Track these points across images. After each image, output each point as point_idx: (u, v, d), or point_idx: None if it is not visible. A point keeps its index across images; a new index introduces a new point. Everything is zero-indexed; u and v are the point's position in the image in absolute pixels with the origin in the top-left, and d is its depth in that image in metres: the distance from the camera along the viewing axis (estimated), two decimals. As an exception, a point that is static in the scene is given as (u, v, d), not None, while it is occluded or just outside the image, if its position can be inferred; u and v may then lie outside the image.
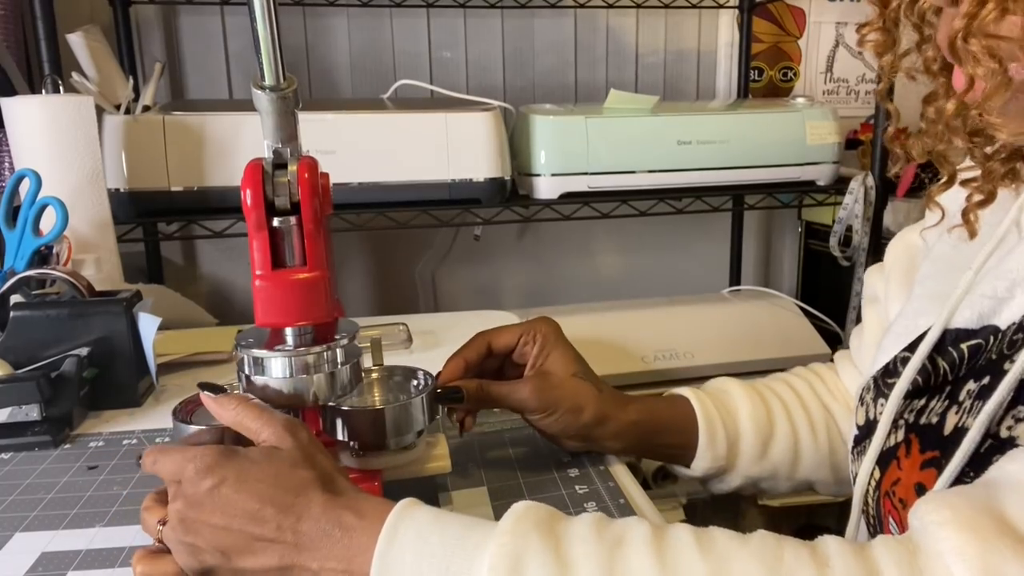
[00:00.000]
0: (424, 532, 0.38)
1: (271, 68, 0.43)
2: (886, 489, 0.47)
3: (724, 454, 0.61)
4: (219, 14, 1.31)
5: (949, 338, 0.47)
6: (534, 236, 1.53)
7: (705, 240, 1.62)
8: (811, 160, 1.24)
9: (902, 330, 0.52)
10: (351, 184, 1.05)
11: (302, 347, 0.47)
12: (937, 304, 0.49)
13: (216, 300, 1.39)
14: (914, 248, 0.60)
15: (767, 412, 0.63)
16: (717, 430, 0.61)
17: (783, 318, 1.38)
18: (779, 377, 0.69)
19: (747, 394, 0.64)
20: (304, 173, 0.44)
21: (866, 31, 0.50)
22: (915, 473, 0.45)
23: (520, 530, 0.37)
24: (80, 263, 0.86)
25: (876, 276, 0.64)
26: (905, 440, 0.47)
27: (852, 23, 1.62)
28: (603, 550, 0.36)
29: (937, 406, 0.46)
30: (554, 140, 1.15)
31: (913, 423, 0.47)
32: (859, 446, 0.52)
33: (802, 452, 0.63)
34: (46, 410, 0.65)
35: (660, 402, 0.63)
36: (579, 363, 0.60)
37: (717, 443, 0.61)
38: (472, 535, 0.37)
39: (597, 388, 0.59)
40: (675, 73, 1.54)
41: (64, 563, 0.47)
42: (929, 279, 0.53)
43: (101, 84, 1.01)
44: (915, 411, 0.47)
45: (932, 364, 0.47)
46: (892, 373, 0.50)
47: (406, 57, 1.40)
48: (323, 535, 0.38)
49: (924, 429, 0.46)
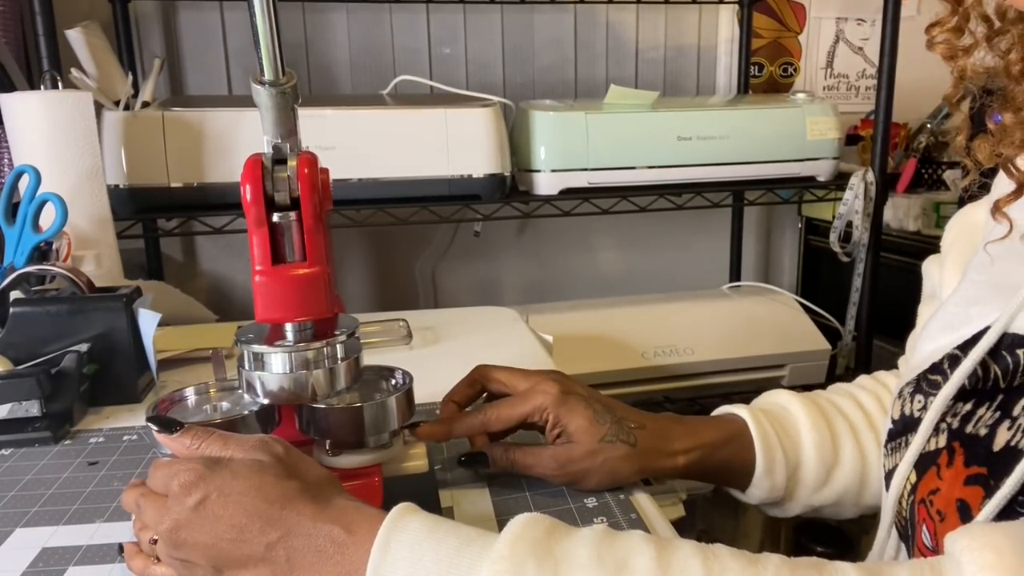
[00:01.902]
0: (417, 549, 0.36)
1: (271, 63, 0.43)
2: (922, 496, 0.44)
3: (783, 484, 0.57)
4: (218, 10, 1.31)
5: (1005, 341, 0.43)
6: (534, 232, 1.53)
7: (705, 236, 1.62)
8: (811, 156, 1.24)
9: (952, 319, 0.47)
10: (351, 180, 1.05)
11: (302, 343, 0.47)
12: (995, 296, 0.45)
13: (216, 296, 1.39)
14: (976, 227, 0.54)
15: (832, 437, 0.58)
16: (776, 457, 0.56)
17: (783, 314, 1.38)
18: (844, 390, 0.63)
19: (810, 415, 0.58)
20: (304, 168, 0.44)
21: (936, 32, 0.47)
22: (957, 487, 0.42)
23: (517, 554, 0.35)
24: (80, 259, 0.86)
25: (933, 266, 0.59)
26: (948, 447, 0.44)
27: (852, 18, 1.62)
28: None
29: (986, 416, 0.42)
30: (554, 136, 1.15)
31: (957, 430, 0.43)
32: (894, 442, 0.49)
33: (870, 478, 0.58)
34: (46, 406, 0.65)
35: (711, 432, 0.57)
36: (604, 421, 0.53)
37: (776, 472, 0.56)
38: (467, 554, 0.36)
39: (630, 444, 0.53)
40: (675, 69, 1.54)
41: (65, 559, 0.47)
42: (988, 266, 0.48)
43: (100, 80, 1.01)
44: (959, 416, 0.44)
45: (983, 367, 0.43)
46: (938, 370, 0.46)
47: (406, 53, 1.40)
48: (315, 552, 0.37)
49: (970, 440, 0.42)
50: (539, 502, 0.53)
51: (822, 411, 0.60)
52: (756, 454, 0.56)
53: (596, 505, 0.52)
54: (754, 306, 1.40)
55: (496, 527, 0.49)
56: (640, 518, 0.51)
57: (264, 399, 0.47)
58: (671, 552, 0.36)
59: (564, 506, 0.52)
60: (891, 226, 1.39)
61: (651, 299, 1.41)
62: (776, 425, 0.58)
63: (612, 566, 0.35)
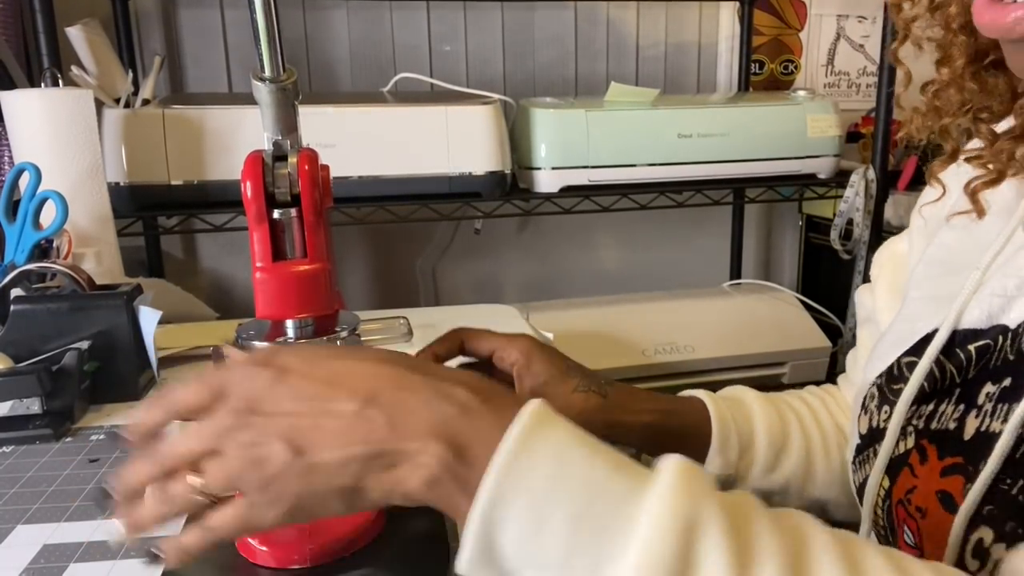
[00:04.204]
0: (564, 454, 0.30)
1: (271, 60, 0.43)
2: (899, 498, 0.45)
3: (735, 461, 0.59)
4: (218, 7, 1.31)
5: (957, 339, 0.45)
6: (534, 230, 1.53)
7: (705, 233, 1.62)
8: (812, 153, 1.24)
9: (899, 334, 0.50)
10: (351, 178, 1.05)
11: (303, 339, 0.47)
12: (936, 307, 0.47)
13: (217, 294, 1.39)
14: (899, 257, 0.59)
15: (781, 423, 0.61)
16: (730, 435, 0.59)
17: (783, 312, 1.38)
18: (793, 393, 0.67)
19: (762, 404, 0.62)
20: (304, 165, 0.44)
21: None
22: (935, 481, 0.43)
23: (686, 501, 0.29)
24: (80, 257, 0.86)
25: (866, 295, 0.63)
26: (917, 447, 0.45)
27: (853, 16, 1.61)
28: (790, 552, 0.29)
29: (950, 411, 0.43)
30: (554, 133, 1.15)
31: (924, 429, 0.45)
32: (861, 455, 0.50)
33: (815, 469, 0.61)
34: (47, 403, 0.65)
35: (674, 403, 0.61)
36: (575, 374, 0.56)
37: (729, 448, 0.59)
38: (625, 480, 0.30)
39: (602, 395, 0.56)
40: (676, 66, 1.54)
41: (66, 555, 0.47)
42: (925, 282, 0.51)
43: (100, 78, 1.01)
44: (924, 417, 0.45)
45: (939, 367, 0.45)
46: (897, 379, 0.48)
47: (406, 50, 1.40)
48: (427, 408, 0.31)
49: (940, 435, 0.43)
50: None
51: (772, 402, 0.63)
52: (712, 428, 0.59)
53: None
54: (755, 304, 1.40)
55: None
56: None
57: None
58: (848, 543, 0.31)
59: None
60: (892, 224, 1.39)
61: (652, 297, 1.41)
62: (732, 407, 0.61)
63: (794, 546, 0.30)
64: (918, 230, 0.57)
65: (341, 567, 0.44)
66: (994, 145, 0.47)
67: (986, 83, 0.47)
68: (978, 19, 0.41)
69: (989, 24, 0.41)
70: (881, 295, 0.59)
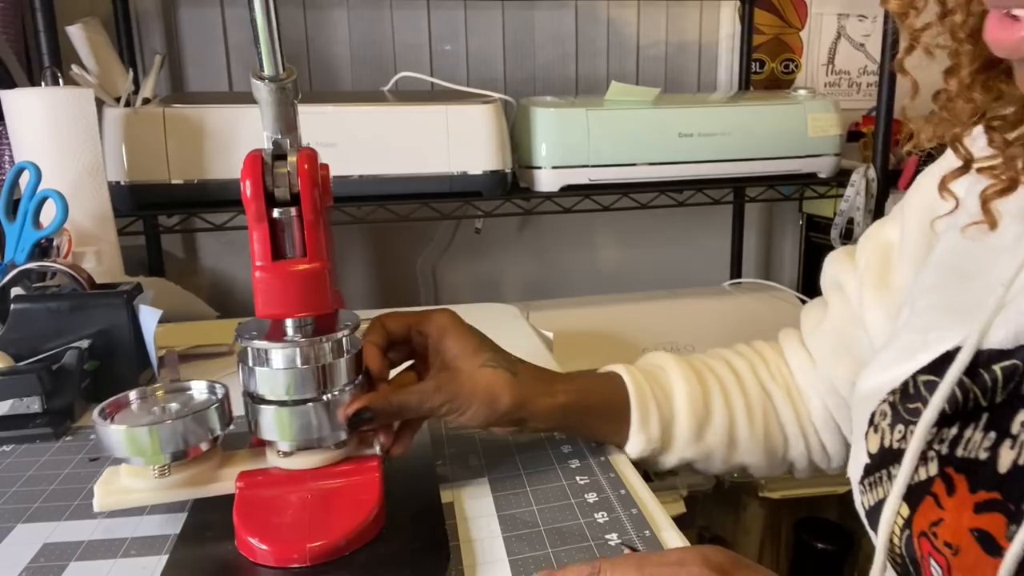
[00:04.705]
0: None
1: (270, 58, 0.43)
2: (922, 529, 0.43)
3: (658, 436, 0.59)
4: (219, 6, 1.31)
5: (981, 359, 0.42)
6: (535, 229, 1.53)
7: (706, 233, 1.62)
8: (812, 152, 1.24)
9: (909, 346, 0.47)
10: (352, 177, 1.05)
11: (303, 338, 0.47)
12: (951, 319, 0.45)
13: (217, 293, 1.39)
14: (889, 248, 0.57)
15: (704, 394, 0.61)
16: (650, 412, 0.59)
17: (784, 311, 1.38)
18: (719, 354, 0.66)
19: (684, 374, 0.61)
20: (304, 164, 0.44)
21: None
22: (968, 516, 0.40)
23: None
24: (80, 256, 0.86)
25: (845, 264, 0.61)
26: (941, 474, 0.42)
27: (854, 15, 1.61)
28: None
29: (979, 438, 0.41)
30: (555, 132, 1.15)
31: (948, 455, 0.42)
32: (871, 476, 0.47)
33: (738, 437, 0.61)
34: (47, 402, 0.65)
35: (591, 381, 0.60)
36: (486, 350, 0.55)
37: (650, 426, 0.59)
38: None
39: (511, 372, 0.55)
40: (676, 65, 1.54)
41: (66, 554, 0.47)
42: (935, 291, 0.48)
43: (101, 76, 1.01)
44: (947, 442, 0.42)
45: (961, 388, 0.42)
46: (914, 397, 0.45)
47: (406, 49, 1.40)
48: None
49: (970, 465, 0.40)
50: (540, 495, 0.53)
51: (694, 369, 0.62)
52: (631, 404, 0.59)
53: (596, 500, 0.52)
54: (755, 303, 1.40)
55: (497, 522, 0.50)
56: (641, 513, 0.51)
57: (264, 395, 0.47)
58: None
59: (565, 501, 0.52)
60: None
61: (652, 296, 1.41)
62: (651, 380, 0.61)
63: None
64: (915, 225, 0.55)
65: (340, 567, 0.44)
66: (1006, 152, 0.45)
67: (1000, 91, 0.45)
68: (987, 35, 0.40)
69: (996, 42, 0.39)
70: (869, 288, 0.57)
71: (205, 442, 0.48)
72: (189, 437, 0.47)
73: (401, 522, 0.48)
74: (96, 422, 0.46)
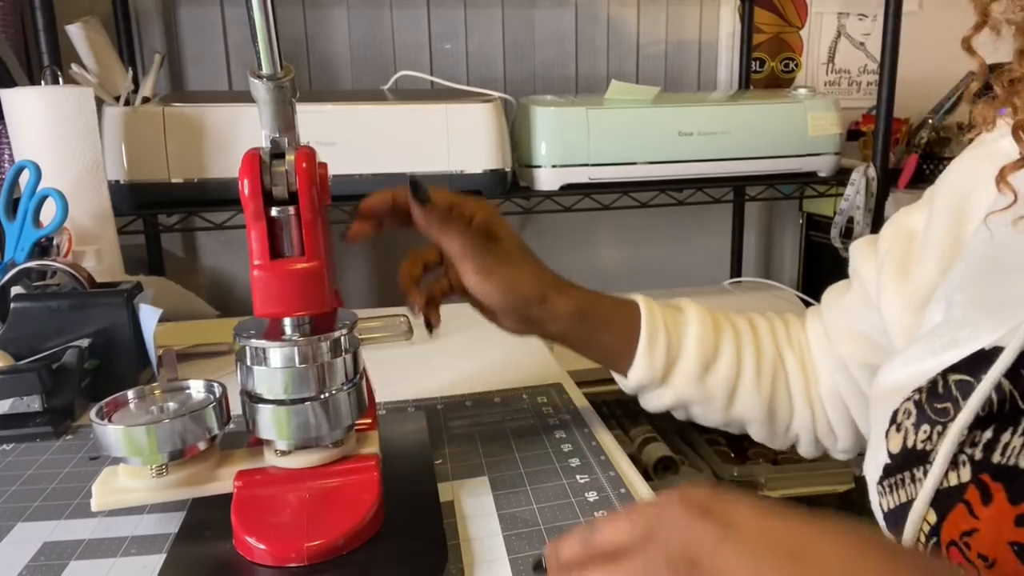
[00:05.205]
0: None
1: (268, 57, 0.43)
2: (951, 538, 0.40)
3: (661, 364, 0.59)
4: (218, 5, 1.31)
5: (1021, 360, 0.39)
6: (535, 228, 1.53)
7: (706, 232, 1.62)
8: (812, 151, 1.24)
9: (940, 342, 0.44)
10: (351, 175, 1.05)
11: (301, 337, 0.47)
12: (986, 315, 0.42)
13: (217, 292, 1.39)
14: (912, 235, 0.55)
15: (715, 336, 0.61)
16: (658, 338, 0.59)
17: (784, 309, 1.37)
18: (744, 313, 0.66)
19: (699, 314, 0.62)
20: (302, 163, 0.44)
21: None
22: (1008, 528, 0.37)
23: None
24: (80, 255, 0.86)
25: (867, 251, 0.61)
26: (975, 481, 0.39)
27: (854, 14, 1.61)
28: None
29: (1017, 443, 0.38)
30: (555, 131, 1.15)
31: (982, 461, 0.39)
32: (892, 478, 0.44)
33: (741, 387, 0.61)
34: (47, 401, 0.65)
35: (607, 298, 0.61)
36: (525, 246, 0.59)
37: (656, 352, 0.59)
38: None
39: (540, 267, 0.59)
40: (676, 64, 1.54)
41: (66, 553, 0.47)
42: (972, 283, 0.45)
43: (100, 75, 1.01)
44: (980, 446, 0.40)
45: (997, 390, 0.40)
46: (943, 397, 0.42)
47: (406, 48, 1.39)
48: None
49: (1008, 473, 0.38)
50: (540, 494, 0.53)
51: (713, 317, 0.63)
52: (641, 326, 0.59)
53: (597, 499, 0.52)
54: (755, 302, 1.40)
55: (497, 521, 0.50)
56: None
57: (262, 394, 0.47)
58: None
59: (565, 500, 0.52)
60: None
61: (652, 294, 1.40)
62: (665, 310, 0.61)
63: None
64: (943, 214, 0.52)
65: (339, 566, 0.44)
66: None
67: None
68: None
69: None
70: (888, 275, 0.55)
71: (203, 441, 0.48)
72: (187, 436, 0.47)
73: (400, 521, 0.48)
74: (94, 422, 0.46)
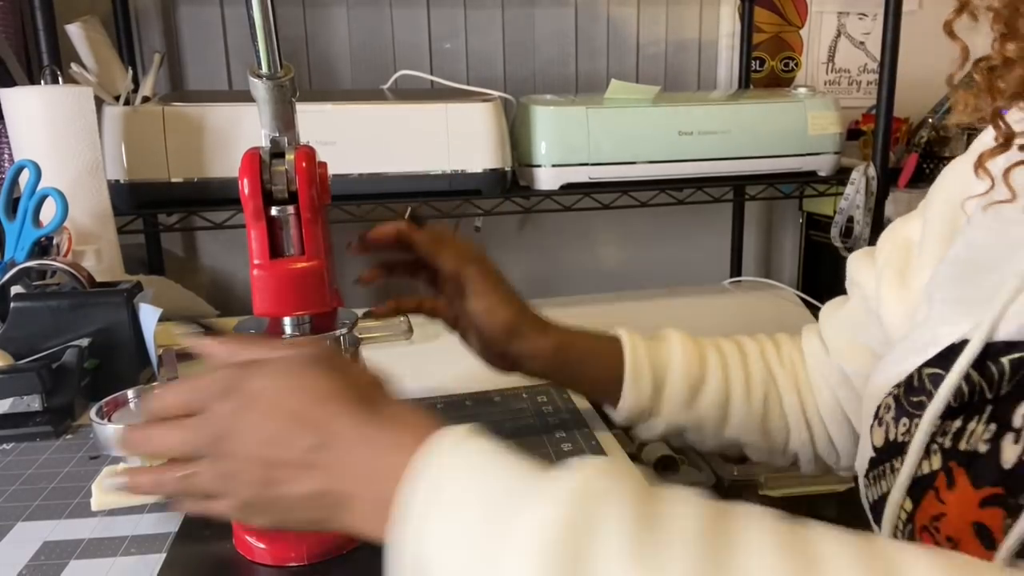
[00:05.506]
0: (464, 480, 0.33)
1: (267, 56, 0.43)
2: (923, 523, 0.42)
3: (648, 395, 0.59)
4: (218, 5, 1.31)
5: (989, 351, 0.41)
6: (535, 227, 1.53)
7: (706, 231, 1.62)
8: (812, 150, 1.24)
9: (920, 340, 0.46)
10: (351, 175, 1.05)
11: (301, 336, 0.47)
12: (962, 311, 0.44)
13: (217, 291, 1.39)
14: (909, 244, 0.56)
15: (700, 361, 0.62)
16: (643, 371, 0.60)
17: (784, 309, 1.38)
18: (732, 336, 0.67)
19: (683, 341, 0.62)
20: (302, 162, 0.44)
21: None
22: (970, 510, 0.39)
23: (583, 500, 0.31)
24: (80, 254, 0.86)
25: (865, 262, 0.61)
26: (944, 468, 0.41)
27: (854, 13, 1.61)
28: None
29: (981, 431, 0.40)
30: (555, 131, 1.15)
31: (951, 449, 0.41)
32: (876, 470, 0.47)
33: (732, 410, 0.61)
34: (47, 400, 0.65)
35: (587, 333, 0.62)
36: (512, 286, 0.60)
37: (642, 384, 0.59)
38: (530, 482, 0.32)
39: (522, 304, 0.59)
40: (676, 64, 1.54)
41: (66, 552, 0.47)
42: (950, 283, 0.47)
43: (100, 75, 1.01)
44: (950, 435, 0.42)
45: (967, 381, 0.42)
46: (918, 391, 0.44)
47: (406, 48, 1.39)
48: (358, 460, 0.35)
49: (971, 458, 0.40)
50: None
51: (696, 342, 0.63)
52: (624, 359, 0.60)
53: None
54: (755, 301, 1.40)
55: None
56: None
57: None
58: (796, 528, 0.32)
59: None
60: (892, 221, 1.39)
61: (652, 294, 1.41)
62: (648, 342, 0.62)
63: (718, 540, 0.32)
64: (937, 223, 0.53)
65: (338, 565, 0.44)
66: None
67: None
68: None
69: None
70: (887, 286, 0.56)
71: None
72: None
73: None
74: (94, 421, 0.46)
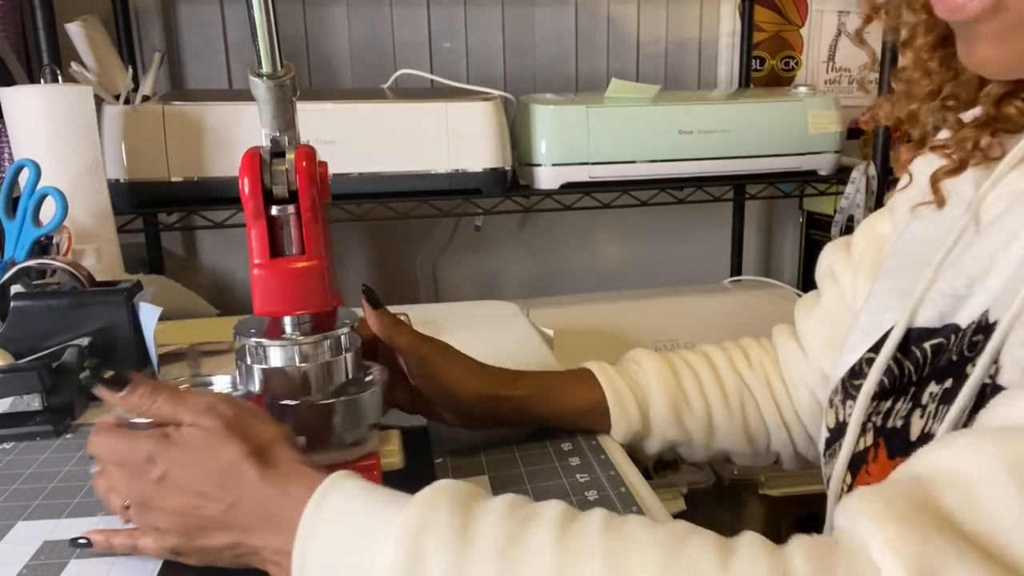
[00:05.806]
0: (349, 505, 0.38)
1: (268, 55, 0.43)
2: None
3: (637, 419, 0.61)
4: (218, 3, 1.31)
5: (913, 337, 0.45)
6: (535, 226, 1.53)
7: (706, 230, 1.62)
8: (813, 150, 1.24)
9: (866, 327, 0.50)
10: (351, 174, 1.05)
11: (301, 336, 0.46)
12: (895, 300, 0.48)
13: (217, 291, 1.39)
14: (882, 240, 0.58)
15: (675, 378, 0.63)
16: (624, 396, 0.61)
17: (784, 308, 1.37)
18: (699, 349, 0.68)
19: (655, 361, 0.63)
20: (302, 161, 0.44)
21: None
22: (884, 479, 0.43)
23: (433, 501, 0.37)
24: (80, 253, 0.86)
25: (841, 254, 0.62)
26: (874, 444, 0.46)
27: (854, 12, 1.61)
28: (510, 524, 0.36)
29: (901, 408, 0.44)
30: (555, 130, 1.15)
31: (881, 426, 0.46)
32: (830, 449, 0.51)
33: (716, 422, 0.63)
34: (47, 400, 0.65)
35: (558, 376, 0.63)
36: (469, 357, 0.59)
37: (628, 409, 0.60)
38: (391, 506, 0.37)
39: (483, 366, 0.59)
40: (676, 63, 1.54)
41: (67, 552, 0.47)
42: (893, 272, 0.51)
43: (100, 74, 1.01)
44: (882, 414, 0.46)
45: (897, 365, 0.46)
46: (858, 375, 0.49)
47: (406, 47, 1.39)
48: (260, 516, 0.39)
49: (891, 433, 0.44)
50: (540, 493, 0.53)
51: (666, 359, 0.64)
52: (605, 392, 0.61)
53: (597, 498, 0.52)
54: (755, 300, 1.40)
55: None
56: (640, 510, 0.51)
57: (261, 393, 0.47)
58: (579, 512, 0.37)
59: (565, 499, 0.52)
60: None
61: (652, 293, 1.41)
62: (620, 369, 0.63)
63: (520, 516, 0.36)
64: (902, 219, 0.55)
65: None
66: (958, 133, 0.47)
67: (954, 70, 0.47)
68: None
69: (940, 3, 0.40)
70: (863, 280, 0.58)
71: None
72: None
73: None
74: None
